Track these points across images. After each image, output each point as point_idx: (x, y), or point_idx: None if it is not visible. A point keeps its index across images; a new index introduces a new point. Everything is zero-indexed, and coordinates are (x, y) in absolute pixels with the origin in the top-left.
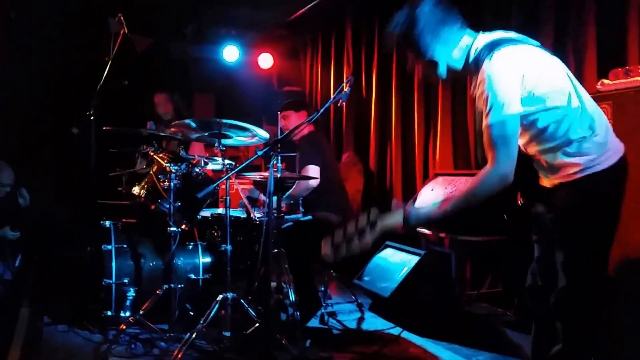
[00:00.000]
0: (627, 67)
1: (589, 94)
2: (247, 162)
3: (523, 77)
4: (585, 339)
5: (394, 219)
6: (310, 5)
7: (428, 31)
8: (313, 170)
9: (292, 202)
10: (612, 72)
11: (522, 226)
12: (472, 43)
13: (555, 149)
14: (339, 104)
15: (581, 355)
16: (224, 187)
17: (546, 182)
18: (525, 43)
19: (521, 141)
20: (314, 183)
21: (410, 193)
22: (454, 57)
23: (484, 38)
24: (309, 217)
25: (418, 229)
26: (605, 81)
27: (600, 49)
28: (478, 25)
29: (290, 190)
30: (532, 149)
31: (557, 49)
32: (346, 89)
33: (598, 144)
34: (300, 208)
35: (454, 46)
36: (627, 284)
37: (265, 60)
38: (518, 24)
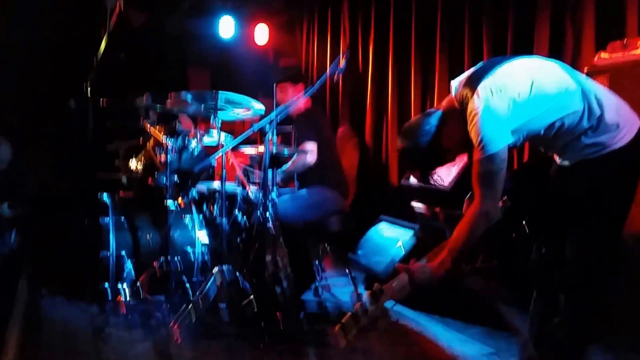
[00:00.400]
0: (625, 40)
1: (587, 66)
2: (243, 136)
3: (513, 100)
4: (588, 314)
5: (399, 287)
6: None
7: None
8: (310, 147)
9: (287, 177)
10: (609, 45)
11: (518, 203)
12: (454, 96)
13: (577, 138)
14: (334, 79)
15: (581, 329)
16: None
17: (566, 162)
18: (505, 63)
19: (545, 143)
20: (312, 160)
21: (405, 167)
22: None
23: (459, 80)
24: (304, 191)
25: (412, 204)
26: (603, 55)
27: (599, 21)
28: (477, 4)
29: (287, 165)
30: (556, 146)
31: (555, 21)
32: (342, 62)
33: (611, 123)
34: (295, 182)
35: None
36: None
37: (262, 33)
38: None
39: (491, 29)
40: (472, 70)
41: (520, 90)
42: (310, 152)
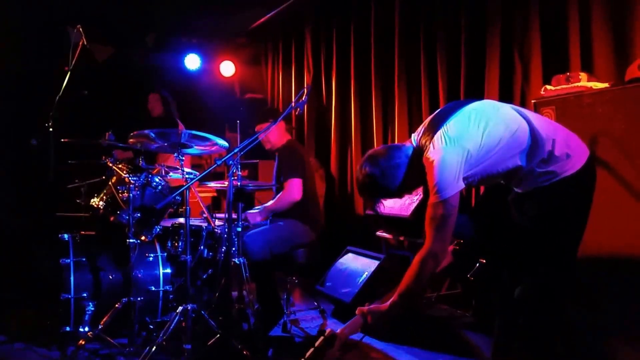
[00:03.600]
0: (569, 74)
1: (535, 98)
2: (206, 171)
3: (467, 151)
4: (546, 336)
5: (352, 330)
6: (271, 14)
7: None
8: (297, 184)
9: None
10: (554, 78)
11: (479, 229)
12: (414, 147)
13: (531, 170)
14: (297, 113)
15: (540, 351)
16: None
17: (522, 190)
18: (458, 112)
19: (502, 179)
20: (298, 196)
21: None
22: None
23: (419, 132)
24: (272, 225)
25: (377, 234)
26: (548, 87)
27: (545, 56)
28: (432, 40)
29: (271, 203)
30: (513, 179)
31: (504, 57)
32: (304, 98)
33: (561, 154)
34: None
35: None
36: (579, 280)
37: (227, 68)
38: (466, 34)
39: (445, 63)
40: (429, 119)
41: (472, 140)
42: (297, 189)
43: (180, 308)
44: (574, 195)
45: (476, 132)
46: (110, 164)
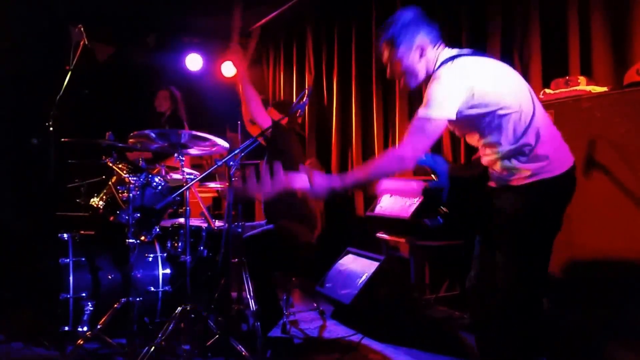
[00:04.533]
0: (567, 77)
1: None
2: (207, 172)
3: (472, 87)
4: (524, 338)
5: (300, 182)
6: (273, 14)
7: (404, 35)
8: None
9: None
10: (553, 81)
11: (476, 230)
12: (438, 56)
13: (509, 154)
14: (297, 115)
15: (519, 353)
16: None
17: (494, 184)
18: (482, 56)
19: (480, 143)
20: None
21: (371, 198)
22: (421, 67)
23: (447, 52)
24: (271, 226)
25: (378, 235)
26: (547, 90)
27: (545, 60)
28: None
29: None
30: (489, 155)
31: (505, 59)
32: (304, 99)
33: (542, 154)
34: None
35: (422, 56)
36: (572, 283)
37: (228, 69)
38: (467, 36)
39: None
40: (458, 50)
41: (483, 81)
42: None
43: (179, 308)
44: (546, 200)
45: (489, 75)
46: (111, 164)
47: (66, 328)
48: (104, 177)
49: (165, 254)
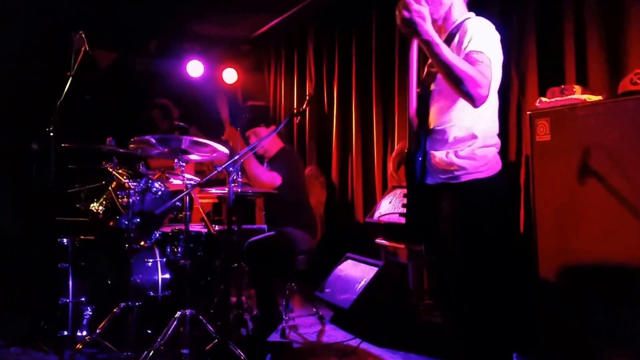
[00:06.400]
0: (563, 86)
1: (530, 110)
2: (206, 178)
3: (499, 55)
4: (497, 336)
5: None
6: (274, 22)
7: None
8: (276, 180)
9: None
10: (549, 90)
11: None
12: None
13: (453, 144)
14: (297, 121)
15: (496, 349)
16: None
17: (430, 179)
18: None
19: (443, 121)
20: (268, 186)
21: (370, 204)
22: (452, 9)
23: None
24: (273, 232)
25: (376, 241)
26: (543, 99)
27: (541, 69)
28: None
29: (254, 165)
30: (443, 142)
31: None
32: (304, 107)
33: (480, 155)
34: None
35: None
36: (567, 287)
37: (230, 75)
38: None
39: None
40: None
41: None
42: (272, 183)
43: (178, 313)
44: (488, 198)
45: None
46: (111, 169)
47: (65, 333)
48: (103, 182)
49: (164, 259)
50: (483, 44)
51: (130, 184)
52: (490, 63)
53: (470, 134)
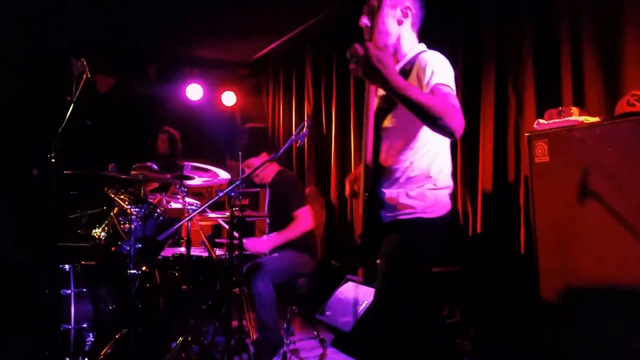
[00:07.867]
0: (561, 108)
1: (528, 131)
2: (208, 203)
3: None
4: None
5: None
6: (272, 45)
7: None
8: (309, 213)
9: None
10: (547, 112)
11: (476, 257)
12: (414, 44)
13: (405, 184)
14: (297, 145)
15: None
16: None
17: (382, 214)
18: None
19: (397, 158)
20: (312, 225)
21: None
22: (394, 32)
23: (423, 46)
24: (276, 255)
25: (378, 262)
26: (541, 121)
27: (538, 91)
28: None
29: (283, 234)
30: (397, 181)
31: (499, 90)
32: (304, 130)
33: (430, 196)
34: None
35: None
36: (571, 308)
37: (229, 98)
38: (462, 67)
39: None
40: None
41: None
42: (310, 217)
43: (180, 338)
44: (427, 237)
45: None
46: (112, 195)
47: (67, 359)
48: (105, 207)
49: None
50: (446, 77)
51: (132, 209)
52: (455, 94)
53: (424, 174)
